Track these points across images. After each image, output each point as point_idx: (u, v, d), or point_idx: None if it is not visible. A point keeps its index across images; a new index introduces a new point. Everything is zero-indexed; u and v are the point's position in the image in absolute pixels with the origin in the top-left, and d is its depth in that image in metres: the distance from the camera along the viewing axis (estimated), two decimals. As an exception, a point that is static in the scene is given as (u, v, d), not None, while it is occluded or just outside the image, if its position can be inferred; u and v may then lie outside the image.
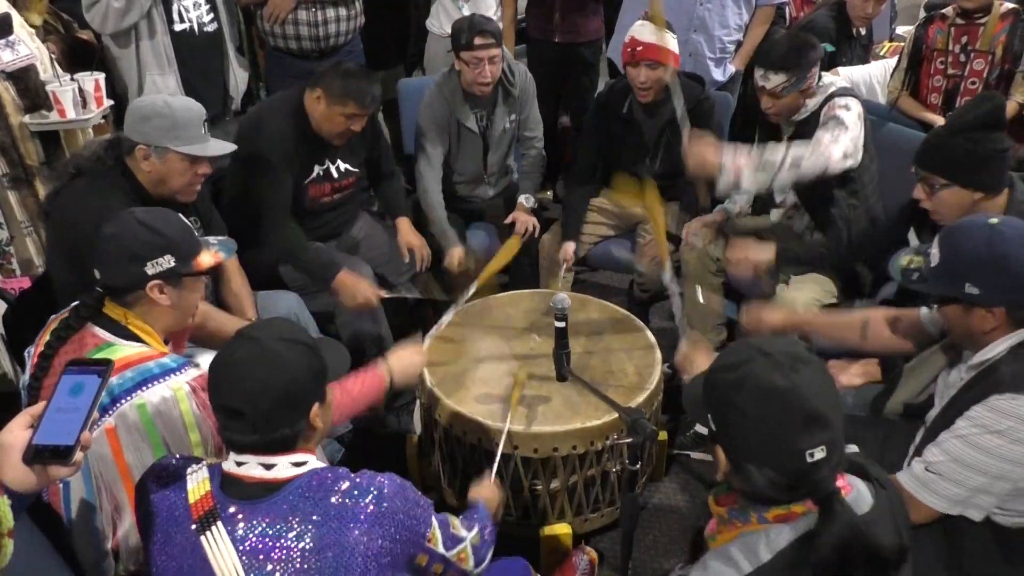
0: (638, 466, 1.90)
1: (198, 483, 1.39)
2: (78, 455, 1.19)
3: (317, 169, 2.87)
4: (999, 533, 1.70)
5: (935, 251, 1.70)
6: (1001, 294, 1.61)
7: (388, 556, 1.34)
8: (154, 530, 1.40)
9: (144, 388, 1.62)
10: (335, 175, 2.94)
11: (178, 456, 1.50)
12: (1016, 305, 1.62)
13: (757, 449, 1.26)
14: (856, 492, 1.30)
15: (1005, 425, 1.57)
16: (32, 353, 1.76)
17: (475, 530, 1.64)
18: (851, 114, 2.57)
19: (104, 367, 1.29)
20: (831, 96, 2.62)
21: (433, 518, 1.48)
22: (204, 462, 1.44)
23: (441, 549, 1.50)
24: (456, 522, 1.60)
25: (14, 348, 2.39)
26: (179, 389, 1.65)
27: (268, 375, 1.34)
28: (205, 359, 1.69)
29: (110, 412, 1.60)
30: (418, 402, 2.62)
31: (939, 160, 2.07)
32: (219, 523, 1.33)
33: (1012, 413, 1.56)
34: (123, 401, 1.60)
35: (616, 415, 2.13)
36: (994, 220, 1.64)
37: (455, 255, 3.15)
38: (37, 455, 1.18)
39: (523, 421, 2.24)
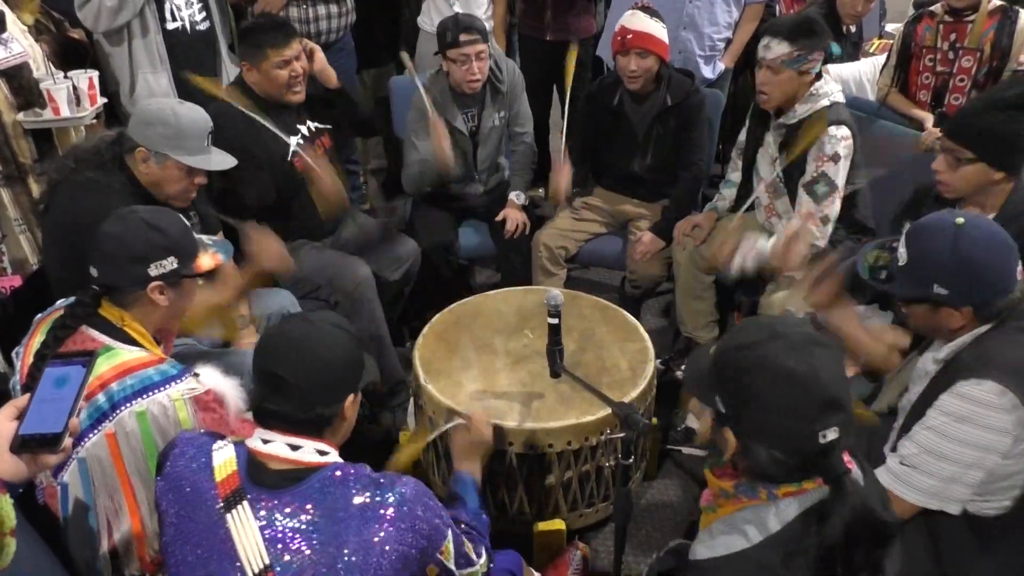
0: (631, 460, 1.92)
1: (224, 461, 1.39)
2: (67, 441, 1.21)
3: (294, 140, 2.84)
4: (974, 523, 1.72)
5: (902, 251, 1.71)
6: (968, 295, 1.64)
7: (402, 561, 1.34)
8: (175, 508, 1.40)
9: (144, 396, 1.62)
10: (308, 136, 2.91)
11: (202, 431, 1.51)
12: (983, 304, 1.65)
13: (770, 431, 1.27)
14: (856, 469, 1.32)
15: (970, 411, 1.59)
16: (21, 353, 1.75)
17: (484, 557, 1.65)
18: (841, 165, 2.63)
19: (88, 357, 1.31)
20: (823, 116, 2.63)
21: (449, 531, 1.48)
22: (228, 439, 1.45)
23: (452, 565, 1.50)
24: (469, 546, 1.60)
25: (5, 347, 2.39)
26: (179, 399, 1.65)
27: (318, 350, 1.40)
28: (205, 370, 1.70)
29: (110, 418, 1.60)
30: (412, 398, 2.63)
31: (972, 134, 2.06)
32: (245, 503, 1.34)
33: (976, 399, 1.59)
34: (123, 408, 1.61)
35: (610, 410, 2.15)
36: (960, 220, 1.65)
37: (442, 139, 3.09)
38: (24, 445, 1.20)
39: (517, 417, 2.25)
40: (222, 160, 2.32)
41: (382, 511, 1.34)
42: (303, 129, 2.91)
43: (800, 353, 1.25)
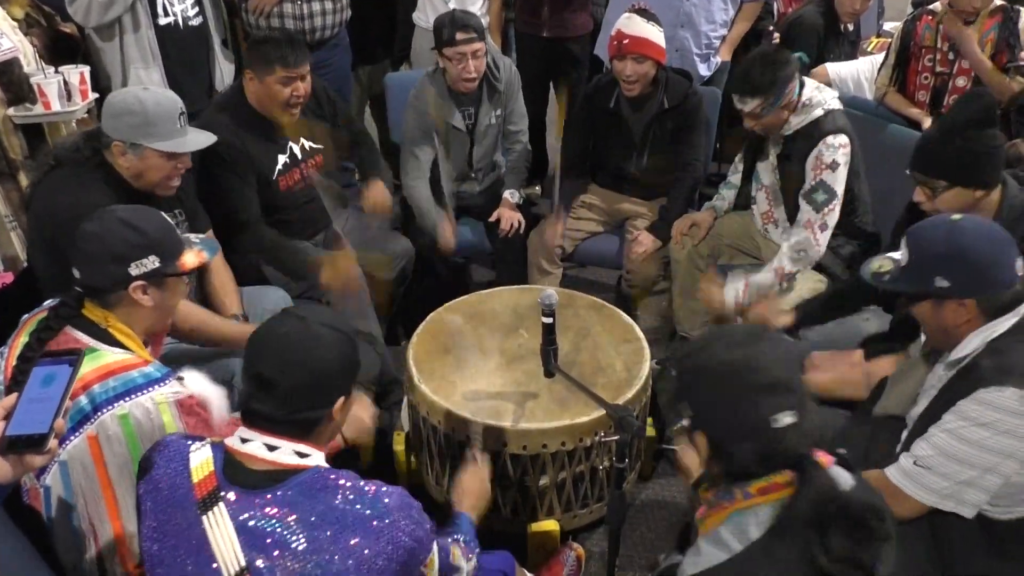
0: (625, 463, 1.90)
1: (201, 462, 1.37)
2: (52, 442, 1.20)
3: (281, 158, 2.83)
4: (987, 527, 1.71)
5: (903, 251, 1.75)
6: (969, 285, 1.65)
7: (381, 572, 1.31)
8: (154, 509, 1.38)
9: (127, 398, 1.59)
10: (299, 156, 2.90)
11: (182, 433, 1.49)
12: (985, 296, 1.66)
13: (727, 425, 1.33)
14: (837, 470, 1.32)
15: (991, 417, 1.58)
16: (5, 353, 1.72)
17: (473, 561, 1.63)
18: (840, 172, 2.62)
19: (75, 356, 1.30)
20: (820, 126, 2.63)
21: (434, 543, 1.46)
22: (207, 440, 1.42)
23: None
24: (456, 552, 1.58)
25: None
26: (162, 402, 1.62)
27: (308, 353, 1.36)
28: (191, 374, 1.68)
29: (92, 420, 1.57)
30: (406, 399, 2.61)
31: (937, 164, 2.10)
32: (221, 504, 1.32)
33: (998, 405, 1.58)
34: (105, 410, 1.58)
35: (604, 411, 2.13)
36: (956, 217, 1.71)
37: (447, 229, 3.16)
38: (11, 446, 1.19)
39: (511, 417, 2.24)
40: (200, 140, 2.27)
41: (363, 521, 1.31)
42: (295, 148, 2.89)
43: (739, 346, 1.33)
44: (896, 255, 1.78)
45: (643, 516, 2.64)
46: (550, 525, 2.34)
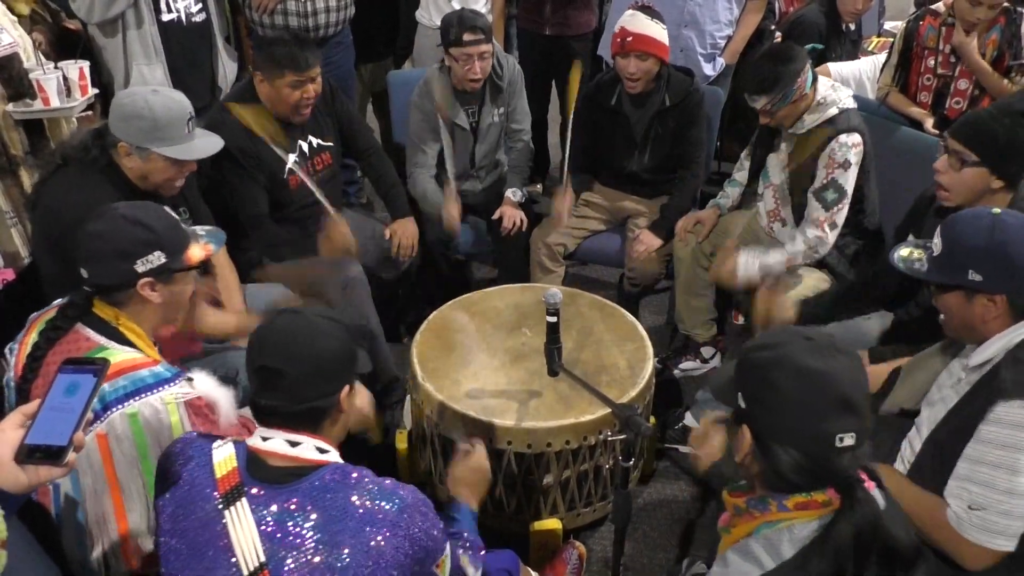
0: (631, 462, 1.90)
1: (224, 458, 1.38)
2: (71, 456, 1.17)
3: (291, 157, 2.82)
4: None
5: (937, 241, 1.71)
6: (1003, 281, 1.62)
7: (397, 567, 1.33)
8: (172, 506, 1.38)
9: (137, 398, 1.59)
10: (307, 152, 2.90)
11: (202, 433, 1.49)
12: (1018, 292, 1.63)
13: (787, 428, 1.28)
14: (875, 491, 1.30)
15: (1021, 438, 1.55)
16: (15, 351, 1.72)
17: (480, 572, 1.65)
18: (851, 172, 2.62)
19: (99, 366, 1.27)
20: (834, 124, 2.62)
21: (447, 545, 1.47)
22: (229, 438, 1.44)
23: None
24: (465, 559, 1.60)
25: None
26: (171, 402, 1.62)
27: (310, 341, 1.39)
28: (200, 376, 1.68)
29: (101, 419, 1.57)
30: (409, 397, 2.61)
31: (978, 136, 2.07)
32: (244, 499, 1.33)
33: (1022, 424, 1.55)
34: (114, 409, 1.58)
35: (608, 409, 2.13)
36: (996, 210, 1.67)
37: (452, 208, 3.14)
38: (29, 455, 1.16)
39: (515, 416, 2.23)
40: (207, 146, 2.27)
41: (381, 516, 1.33)
42: (303, 145, 2.88)
43: (821, 354, 1.27)
44: (928, 243, 1.76)
45: (646, 515, 2.64)
46: (552, 524, 2.34)
